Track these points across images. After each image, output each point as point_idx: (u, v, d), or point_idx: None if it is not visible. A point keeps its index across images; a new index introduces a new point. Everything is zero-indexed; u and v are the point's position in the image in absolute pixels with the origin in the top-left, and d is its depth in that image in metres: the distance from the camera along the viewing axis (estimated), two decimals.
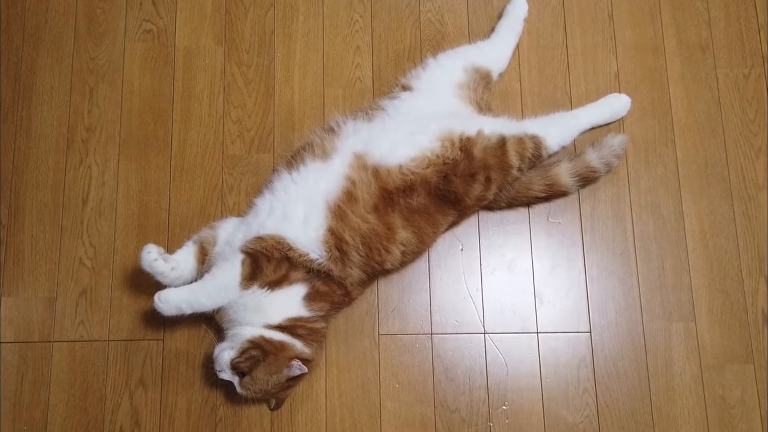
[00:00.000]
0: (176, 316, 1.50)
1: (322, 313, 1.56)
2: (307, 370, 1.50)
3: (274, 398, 1.59)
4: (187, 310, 1.49)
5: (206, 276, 1.53)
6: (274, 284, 1.51)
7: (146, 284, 1.62)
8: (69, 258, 1.71)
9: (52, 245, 1.71)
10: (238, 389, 1.51)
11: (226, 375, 1.51)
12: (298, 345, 1.52)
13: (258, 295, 1.51)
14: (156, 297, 1.47)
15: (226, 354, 1.50)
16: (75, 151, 1.77)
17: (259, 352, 1.49)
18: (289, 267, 1.52)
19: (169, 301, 1.47)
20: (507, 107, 1.82)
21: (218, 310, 1.55)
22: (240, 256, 1.52)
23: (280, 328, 1.52)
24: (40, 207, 1.73)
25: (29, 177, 1.75)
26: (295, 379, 1.53)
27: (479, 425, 1.65)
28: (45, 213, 1.73)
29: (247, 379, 1.50)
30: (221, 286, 1.50)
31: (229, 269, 1.51)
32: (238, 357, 1.49)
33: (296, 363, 1.49)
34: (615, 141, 1.74)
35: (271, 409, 1.63)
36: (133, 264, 1.69)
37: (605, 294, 1.73)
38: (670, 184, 1.79)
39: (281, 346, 1.51)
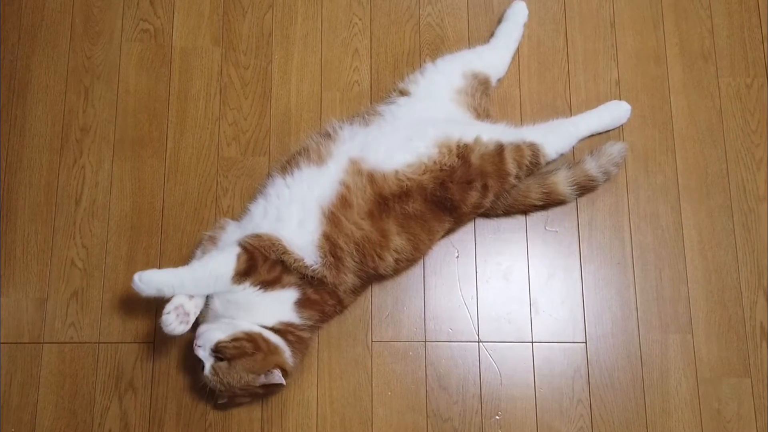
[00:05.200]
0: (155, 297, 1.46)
1: (311, 323, 1.55)
2: (284, 383, 1.47)
3: (233, 397, 1.54)
4: (168, 294, 1.45)
5: (196, 264, 1.50)
6: (267, 285, 1.49)
7: None
8: (61, 259, 1.69)
9: (44, 246, 1.70)
10: (206, 371, 1.46)
11: (203, 353, 1.46)
12: (287, 352, 1.50)
13: (250, 293, 1.49)
14: (136, 276, 1.43)
15: (215, 334, 1.46)
16: (69, 151, 1.76)
17: (251, 345, 1.46)
18: (282, 270, 1.50)
19: (151, 282, 1.43)
20: (506, 113, 1.81)
21: (203, 309, 1.53)
22: (237, 250, 1.49)
23: (274, 330, 1.51)
24: (32, 207, 1.72)
25: (22, 176, 1.73)
26: (267, 388, 1.49)
27: None
28: (37, 213, 1.71)
29: (223, 365, 1.45)
30: (212, 276, 1.47)
31: (224, 261, 1.48)
32: (227, 342, 1.45)
33: (278, 372, 1.46)
34: (614, 149, 1.72)
35: (217, 404, 1.59)
36: (126, 266, 1.68)
37: (602, 304, 1.71)
38: (670, 194, 1.77)
39: (275, 349, 1.49)
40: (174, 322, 1.43)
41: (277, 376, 1.46)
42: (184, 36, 1.84)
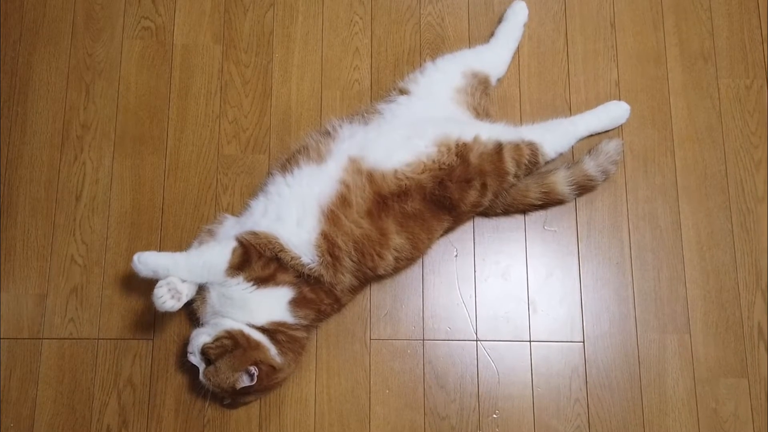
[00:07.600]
0: (150, 278, 1.48)
1: (306, 322, 1.55)
2: (254, 383, 1.47)
3: (234, 397, 1.56)
4: (163, 276, 1.47)
5: (193, 251, 1.53)
6: (260, 281, 1.50)
7: (137, 283, 1.62)
8: (61, 255, 1.70)
9: (44, 241, 1.70)
10: (200, 376, 1.50)
11: (195, 358, 1.50)
12: (272, 350, 1.51)
13: (243, 289, 1.50)
14: (135, 257, 1.47)
15: (201, 338, 1.50)
16: (70, 148, 1.76)
17: (231, 342, 1.48)
18: (277, 267, 1.51)
19: (148, 263, 1.47)
20: (505, 113, 1.81)
21: (201, 303, 1.55)
22: (233, 243, 1.51)
23: (262, 330, 1.51)
24: (33, 203, 1.73)
25: (23, 172, 1.74)
26: (245, 390, 1.49)
27: None
28: (38, 209, 1.72)
29: (210, 368, 1.48)
30: (206, 265, 1.49)
31: (219, 253, 1.50)
32: (210, 343, 1.48)
33: (253, 370, 1.46)
34: (610, 146, 1.72)
35: (223, 404, 1.62)
36: (125, 262, 1.69)
37: (600, 304, 1.71)
38: (668, 195, 1.77)
39: (255, 345, 1.50)
40: (166, 295, 1.45)
41: (245, 378, 1.46)
42: (185, 33, 1.84)
